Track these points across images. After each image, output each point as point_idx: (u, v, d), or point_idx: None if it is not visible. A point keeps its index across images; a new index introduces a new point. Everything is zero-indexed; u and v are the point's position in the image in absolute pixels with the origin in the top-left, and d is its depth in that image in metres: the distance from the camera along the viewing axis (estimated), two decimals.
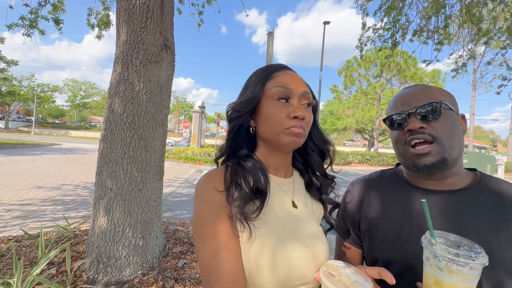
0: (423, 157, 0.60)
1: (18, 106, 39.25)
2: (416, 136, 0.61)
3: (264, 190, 0.57)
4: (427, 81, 17.06)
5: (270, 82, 0.59)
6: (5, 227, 3.49)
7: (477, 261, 0.41)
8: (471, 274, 0.41)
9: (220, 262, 0.49)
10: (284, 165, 0.66)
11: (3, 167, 8.24)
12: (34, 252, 2.28)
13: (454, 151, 0.60)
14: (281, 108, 0.57)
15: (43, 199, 5.00)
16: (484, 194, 0.60)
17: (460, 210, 0.59)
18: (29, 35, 3.91)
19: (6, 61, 16.75)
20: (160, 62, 2.14)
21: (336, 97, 22.99)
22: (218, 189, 0.55)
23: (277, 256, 0.52)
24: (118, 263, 2.00)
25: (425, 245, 0.46)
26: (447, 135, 0.60)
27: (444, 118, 0.60)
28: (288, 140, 0.57)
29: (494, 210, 0.57)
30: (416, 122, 0.61)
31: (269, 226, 0.56)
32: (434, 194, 0.62)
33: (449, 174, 0.63)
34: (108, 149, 2.03)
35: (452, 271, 0.42)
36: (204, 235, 0.52)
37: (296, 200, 0.64)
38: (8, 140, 18.11)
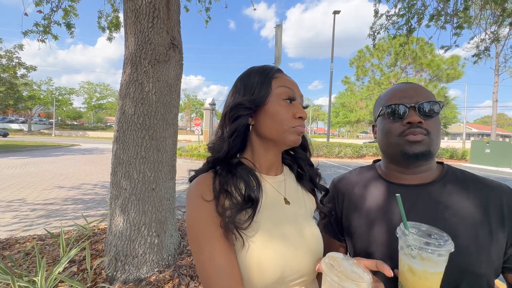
0: (414, 145, 0.64)
1: (39, 109, 41.15)
2: (415, 130, 0.64)
3: (256, 197, 0.56)
4: (445, 68, 16.25)
5: (275, 82, 0.61)
6: (31, 226, 3.67)
7: (444, 248, 0.45)
8: (439, 260, 0.46)
9: (218, 267, 0.50)
10: (277, 162, 0.67)
11: (27, 168, 8.68)
12: (56, 250, 2.38)
13: (437, 148, 0.66)
14: (288, 108, 0.60)
15: (64, 198, 5.23)
16: (449, 185, 0.65)
17: (430, 202, 0.63)
18: (43, 41, 4.03)
19: (25, 67, 17.48)
20: (168, 62, 2.14)
21: (348, 88, 22.41)
22: (206, 199, 0.54)
23: (271, 255, 0.53)
24: (135, 261, 2.04)
25: (399, 236, 0.50)
26: (437, 133, 0.65)
27: (436, 118, 0.66)
28: (294, 138, 0.60)
29: (459, 199, 0.62)
30: (416, 116, 0.64)
31: (261, 230, 0.56)
32: (407, 188, 0.67)
33: (424, 168, 0.67)
34: (121, 150, 2.07)
35: (423, 258, 0.46)
36: (199, 243, 0.52)
37: (288, 196, 0.66)
38: (31, 142, 19.08)
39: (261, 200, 0.58)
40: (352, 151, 17.04)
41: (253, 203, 0.56)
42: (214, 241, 0.51)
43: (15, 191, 5.66)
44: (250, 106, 0.60)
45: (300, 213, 0.64)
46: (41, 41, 4.07)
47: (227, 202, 0.55)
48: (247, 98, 0.60)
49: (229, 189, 0.56)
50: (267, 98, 0.60)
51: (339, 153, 17.01)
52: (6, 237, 3.01)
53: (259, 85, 0.60)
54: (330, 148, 17.14)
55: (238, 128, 0.61)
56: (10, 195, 5.28)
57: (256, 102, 0.60)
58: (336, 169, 11.81)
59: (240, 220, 0.53)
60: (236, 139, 0.61)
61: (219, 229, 0.53)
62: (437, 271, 0.47)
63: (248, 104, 0.60)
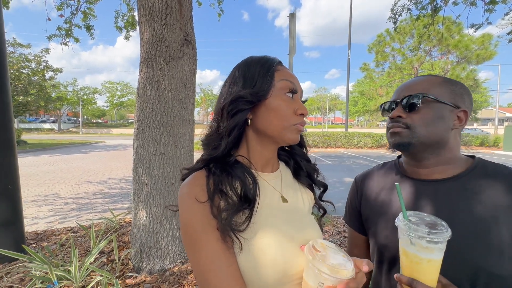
0: (393, 136, 0.66)
1: (67, 109, 43.72)
2: (393, 124, 0.67)
3: (254, 197, 0.53)
4: (475, 48, 14.97)
5: (278, 74, 0.57)
6: (65, 219, 3.96)
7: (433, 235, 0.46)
8: (431, 247, 0.46)
9: (217, 270, 0.47)
10: (273, 159, 0.64)
11: (59, 164, 9.32)
12: (87, 242, 2.55)
13: (428, 140, 0.63)
14: (289, 103, 0.56)
15: (93, 193, 5.57)
16: (475, 180, 0.61)
17: (449, 197, 0.61)
18: (66, 44, 4.23)
19: (52, 69, 18.54)
20: (182, 58, 2.15)
21: (367, 76, 21.44)
22: (199, 200, 0.50)
23: (271, 257, 0.51)
24: (159, 252, 2.14)
25: (397, 225, 0.52)
26: (423, 125, 0.63)
27: (425, 110, 0.63)
28: (293, 136, 0.57)
29: (484, 195, 0.58)
30: (397, 110, 0.66)
31: (260, 231, 0.53)
32: (426, 183, 0.65)
33: (437, 162, 0.65)
34: (141, 147, 2.14)
35: (412, 243, 0.48)
36: (195, 248, 0.49)
37: (285, 193, 0.63)
38: (61, 141, 20.41)
39: (258, 199, 0.54)
40: (372, 141, 16.46)
41: (250, 203, 0.52)
42: (211, 245, 0.48)
43: (49, 186, 6.11)
44: (252, 100, 0.54)
45: (297, 211, 0.63)
46: (64, 44, 4.27)
47: (222, 202, 0.51)
48: (249, 91, 0.54)
49: (224, 189, 0.52)
50: (269, 91, 0.55)
51: (358, 143, 16.52)
52: (44, 229, 3.28)
53: (261, 77, 0.55)
54: (349, 139, 16.68)
55: (238, 124, 0.55)
56: (45, 190, 5.72)
57: (258, 95, 0.54)
58: (356, 159, 11.50)
59: (237, 222, 0.50)
60: (235, 136, 0.57)
61: (216, 232, 0.49)
62: (429, 258, 0.47)
63: (250, 97, 0.54)
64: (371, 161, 10.99)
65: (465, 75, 15.73)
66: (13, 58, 15.98)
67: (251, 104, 0.55)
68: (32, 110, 18.58)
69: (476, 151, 15.46)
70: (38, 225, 3.66)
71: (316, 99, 61.06)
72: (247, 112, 0.56)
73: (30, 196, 5.19)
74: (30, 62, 16.97)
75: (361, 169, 7.68)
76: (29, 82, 16.56)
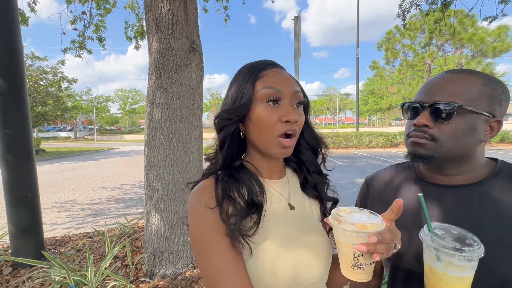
0: (415, 146, 0.60)
1: (82, 117, 45.38)
2: (416, 134, 0.59)
3: (261, 202, 0.54)
4: (491, 41, 14.39)
5: (259, 83, 0.54)
6: (81, 224, 4.10)
7: (465, 253, 0.42)
8: (462, 265, 0.43)
9: (226, 278, 0.47)
10: (277, 167, 0.64)
11: (76, 172, 9.66)
12: (103, 247, 2.63)
13: (453, 154, 0.57)
14: (272, 112, 0.53)
15: (108, 198, 5.73)
16: (500, 185, 0.56)
17: (471, 205, 0.56)
18: (80, 56, 4.40)
19: (68, 80, 19.34)
20: (189, 66, 2.20)
21: (377, 74, 21.03)
22: (209, 206, 0.51)
23: (280, 263, 0.51)
24: (171, 257, 2.17)
25: (422, 238, 0.49)
26: (451, 139, 0.56)
27: (457, 121, 0.55)
28: (277, 151, 0.55)
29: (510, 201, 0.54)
30: (424, 118, 0.57)
31: (269, 237, 0.53)
32: (446, 189, 0.60)
33: (459, 171, 0.60)
34: (152, 153, 2.19)
35: (440, 260, 0.45)
36: (205, 254, 0.50)
37: (293, 201, 0.62)
38: (78, 148, 21.17)
39: (265, 205, 0.55)
40: (384, 140, 16.09)
41: (257, 208, 0.53)
42: (221, 251, 0.49)
43: (67, 193, 6.34)
44: (230, 117, 0.55)
45: (305, 218, 0.62)
46: (78, 56, 4.45)
47: (230, 208, 0.53)
48: (228, 109, 0.56)
49: (232, 195, 0.54)
50: (249, 105, 0.54)
51: (370, 143, 16.18)
52: (62, 235, 3.40)
53: (241, 91, 0.55)
54: (360, 139, 16.37)
55: (226, 138, 0.57)
56: (63, 197, 5.94)
57: (237, 111, 0.55)
58: (368, 160, 11.27)
59: (246, 227, 0.51)
60: (229, 149, 0.58)
61: (225, 238, 0.50)
62: (459, 276, 0.44)
63: (228, 115, 0.56)
64: (384, 161, 10.74)
65: (481, 69, 15.13)
66: (32, 71, 16.81)
67: (230, 120, 0.56)
68: (49, 119, 19.40)
69: (497, 148, 14.79)
70: (56, 231, 3.80)
71: (326, 99, 60.40)
72: (233, 126, 0.57)
73: (49, 203, 5.40)
74: (47, 74, 17.79)
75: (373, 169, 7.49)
76: (46, 93, 17.33)
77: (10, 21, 2.26)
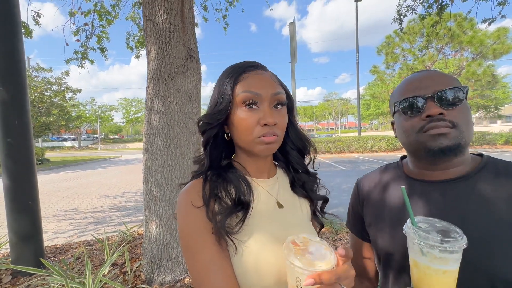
0: (439, 139, 0.56)
1: (86, 127, 45.94)
2: (437, 124, 0.56)
3: (247, 201, 0.55)
4: (490, 43, 14.40)
5: (238, 86, 0.55)
6: (83, 232, 4.10)
7: (446, 244, 0.42)
8: (445, 257, 0.42)
9: (212, 275, 0.48)
10: (265, 166, 0.64)
11: (79, 180, 9.71)
12: (102, 255, 2.62)
13: (469, 139, 0.58)
14: (250, 115, 0.54)
15: (110, 206, 5.74)
16: (486, 179, 0.57)
17: (459, 199, 0.56)
18: (82, 66, 4.50)
19: (72, 90, 19.68)
20: (187, 73, 2.23)
21: (377, 78, 21.10)
22: (195, 205, 0.52)
23: (264, 261, 0.51)
24: (170, 263, 2.16)
25: (405, 232, 0.48)
26: (466, 123, 0.57)
27: (463, 106, 0.57)
28: (261, 148, 0.55)
29: (496, 195, 0.54)
30: (436, 107, 0.56)
31: (254, 234, 0.54)
32: (433, 185, 0.61)
33: (455, 163, 0.60)
34: (150, 160, 2.21)
35: (423, 253, 0.44)
36: (192, 252, 0.51)
37: (282, 200, 0.63)
38: (81, 157, 21.37)
39: (252, 204, 0.56)
40: (387, 144, 16.00)
41: (243, 207, 0.54)
42: (207, 249, 0.50)
43: (69, 201, 6.37)
44: (212, 121, 0.57)
45: (294, 218, 0.62)
46: (80, 67, 4.54)
47: (217, 207, 0.54)
48: (208, 114, 0.58)
49: (219, 194, 0.55)
50: (228, 109, 0.55)
51: (373, 147, 16.09)
52: (62, 243, 3.40)
53: (221, 95, 0.56)
54: (363, 143, 16.30)
55: (209, 140, 0.59)
56: (66, 205, 5.96)
57: (216, 116, 0.56)
58: (371, 164, 11.19)
59: (231, 225, 0.52)
60: (214, 150, 0.60)
61: (212, 236, 0.51)
62: (443, 269, 0.43)
63: (208, 120, 0.57)
64: None
65: (482, 71, 15.10)
66: (37, 82, 17.14)
67: (211, 124, 0.57)
68: (54, 129, 19.64)
69: (501, 150, 14.60)
70: (58, 239, 3.80)
71: (327, 105, 60.52)
72: (214, 130, 0.58)
73: (52, 212, 5.43)
74: (52, 85, 18.12)
75: None
76: (51, 103, 17.61)
77: (13, 33, 2.34)
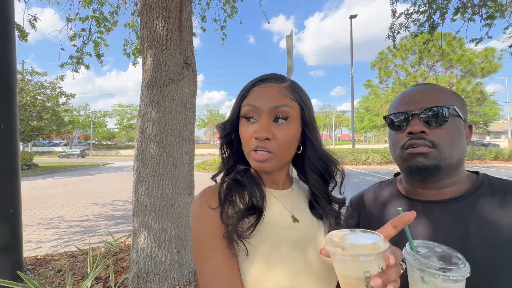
0: (417, 157, 0.56)
1: (78, 132, 45.18)
2: (415, 142, 0.56)
3: (260, 206, 0.54)
4: (478, 62, 14.98)
5: (245, 100, 0.57)
6: (68, 242, 3.92)
7: (450, 273, 0.39)
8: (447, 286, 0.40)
9: (219, 284, 0.48)
10: (278, 178, 0.62)
11: (67, 187, 9.42)
12: (85, 267, 2.48)
13: (452, 160, 0.56)
14: (248, 128, 0.55)
15: (98, 215, 5.55)
16: (484, 198, 0.55)
17: (458, 220, 0.54)
18: (77, 71, 4.44)
19: (66, 95, 19.44)
20: (182, 80, 2.21)
21: (371, 92, 21.58)
22: (211, 206, 0.53)
23: (277, 275, 0.49)
24: (157, 278, 2.05)
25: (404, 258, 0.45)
26: (449, 144, 0.55)
27: (449, 125, 0.55)
28: (253, 164, 0.55)
29: (495, 214, 0.52)
30: (419, 125, 0.56)
31: (266, 243, 0.53)
32: (431, 205, 0.58)
33: (448, 183, 0.58)
34: (141, 167, 2.14)
35: (424, 281, 0.41)
36: (201, 256, 0.51)
37: (297, 214, 0.60)
38: (71, 163, 20.84)
39: (265, 209, 0.55)
40: (380, 157, 16.16)
41: (256, 211, 0.54)
42: (217, 256, 0.50)
43: (56, 209, 6.13)
44: (224, 130, 0.61)
45: (309, 233, 0.58)
46: (75, 72, 4.49)
47: (230, 210, 0.54)
48: (222, 123, 0.62)
49: (233, 198, 0.56)
50: (233, 121, 0.59)
51: (366, 159, 16.22)
52: (44, 254, 3.23)
53: (233, 108, 0.60)
54: (356, 155, 16.43)
55: (223, 146, 0.63)
56: (51, 213, 5.73)
57: (224, 127, 0.61)
58: (365, 176, 11.23)
59: (243, 229, 0.52)
60: (229, 157, 0.63)
61: (223, 242, 0.51)
62: None
63: (223, 127, 0.61)
64: (381, 178, 10.68)
65: (471, 88, 15.60)
66: (30, 86, 16.90)
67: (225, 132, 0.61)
68: (45, 134, 19.23)
69: (491, 165, 14.89)
70: (41, 249, 3.62)
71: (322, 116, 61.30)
72: (227, 138, 0.61)
73: (36, 220, 5.21)
74: (45, 89, 17.89)
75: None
76: (43, 108, 17.32)
77: (5, 36, 2.29)
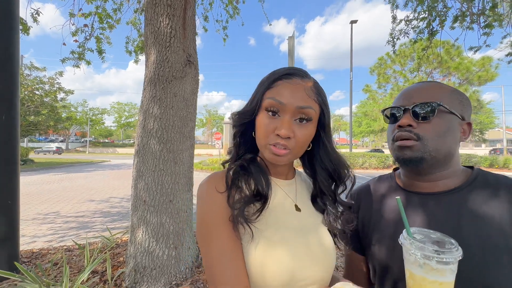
0: (403, 149, 0.61)
1: (75, 129, 44.89)
2: (402, 134, 0.61)
3: (265, 193, 0.56)
4: (476, 70, 15.19)
5: (269, 92, 0.56)
6: (63, 238, 3.90)
7: (443, 255, 0.42)
8: (441, 268, 0.42)
9: (223, 266, 0.50)
10: (283, 169, 0.64)
11: (63, 183, 9.36)
12: (82, 261, 2.48)
13: (438, 154, 0.59)
14: (270, 122, 0.55)
15: (94, 211, 5.52)
16: (477, 191, 0.58)
17: (452, 211, 0.57)
18: (78, 66, 4.44)
19: (64, 91, 19.34)
20: (185, 78, 2.23)
21: (370, 97, 21.76)
22: (219, 190, 0.55)
23: (280, 257, 0.52)
24: (153, 273, 2.06)
25: (401, 243, 0.48)
26: (435, 137, 0.59)
27: (437, 120, 0.59)
28: (269, 156, 0.56)
29: (488, 206, 0.55)
30: (407, 118, 0.61)
31: (271, 227, 0.55)
32: (426, 197, 0.62)
33: (440, 176, 0.62)
34: (141, 163, 2.15)
35: (419, 265, 0.44)
36: (207, 239, 0.53)
37: (300, 203, 0.63)
38: (68, 160, 20.70)
39: (270, 197, 0.57)
40: (377, 161, 16.26)
41: (261, 198, 0.56)
42: (223, 239, 0.52)
43: (51, 204, 6.09)
44: (241, 120, 0.61)
45: (310, 222, 0.61)
46: (76, 67, 4.49)
47: (237, 195, 0.56)
48: (239, 112, 0.62)
49: (240, 184, 0.57)
50: (254, 111, 0.59)
51: (364, 163, 16.31)
52: (40, 248, 3.22)
53: (253, 98, 0.59)
54: (354, 159, 16.51)
55: (237, 135, 0.63)
56: (47, 208, 5.69)
57: (242, 115, 0.61)
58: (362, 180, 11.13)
59: (249, 213, 0.54)
60: (240, 145, 0.64)
61: (228, 225, 0.53)
62: (439, 281, 0.43)
63: (240, 116, 0.61)
64: None
65: (468, 96, 15.80)
66: (29, 81, 16.79)
67: (241, 121, 0.61)
68: (41, 129, 19.09)
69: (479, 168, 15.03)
70: (35, 243, 3.60)
71: None
72: (242, 127, 0.62)
73: (31, 214, 5.17)
74: (44, 84, 17.78)
75: None
76: (41, 103, 17.21)
77: (9, 28, 2.30)
